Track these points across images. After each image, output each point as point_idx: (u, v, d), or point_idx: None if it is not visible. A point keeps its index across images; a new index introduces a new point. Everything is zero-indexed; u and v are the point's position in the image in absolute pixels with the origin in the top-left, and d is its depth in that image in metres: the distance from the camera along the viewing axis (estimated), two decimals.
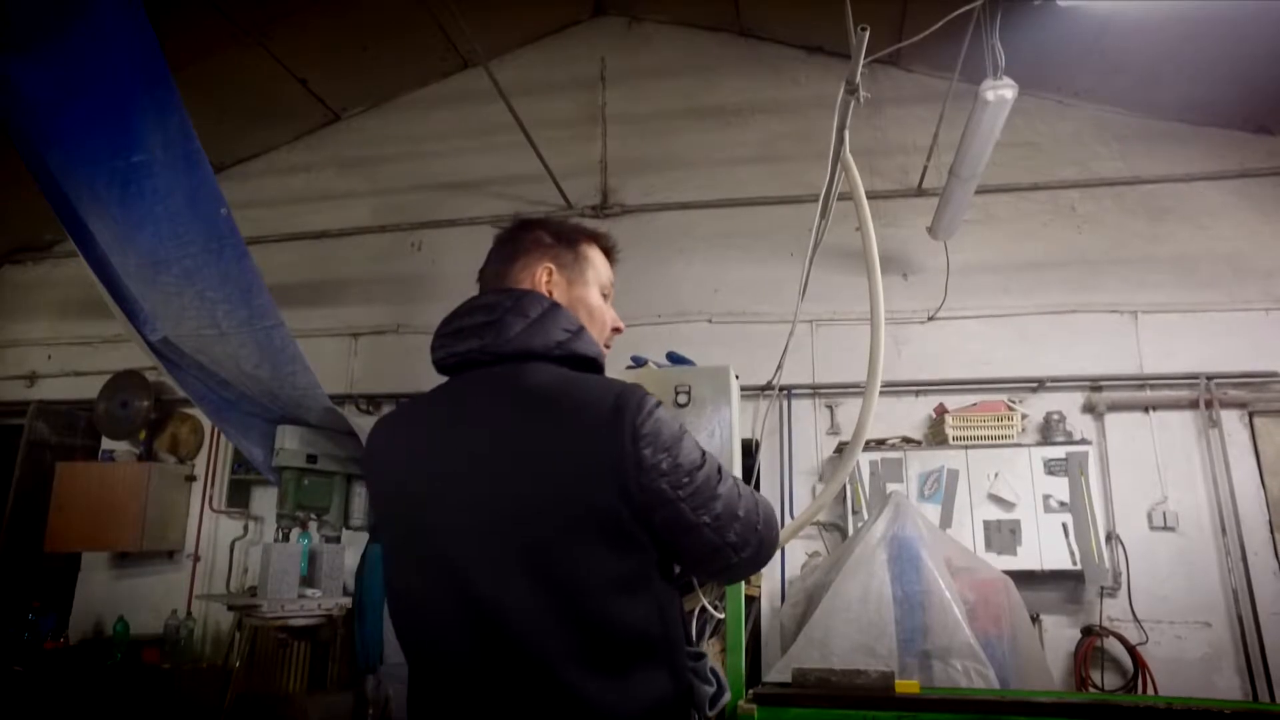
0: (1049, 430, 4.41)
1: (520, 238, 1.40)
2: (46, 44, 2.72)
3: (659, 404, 1.21)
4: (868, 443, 4.40)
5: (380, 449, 1.32)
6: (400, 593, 1.26)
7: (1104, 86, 4.75)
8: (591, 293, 1.40)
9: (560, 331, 1.27)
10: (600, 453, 1.13)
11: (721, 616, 2.44)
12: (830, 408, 4.77)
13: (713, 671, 1.33)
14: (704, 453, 1.24)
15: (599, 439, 1.14)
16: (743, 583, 2.45)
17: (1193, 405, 4.40)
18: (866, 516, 4.22)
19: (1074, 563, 4.11)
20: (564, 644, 1.12)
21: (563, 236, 1.40)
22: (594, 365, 1.30)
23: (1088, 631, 4.18)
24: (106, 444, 5.53)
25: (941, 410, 4.56)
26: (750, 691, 2.24)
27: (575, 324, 1.30)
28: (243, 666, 4.44)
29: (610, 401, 1.16)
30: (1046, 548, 4.14)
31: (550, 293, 1.34)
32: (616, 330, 1.46)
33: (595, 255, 1.43)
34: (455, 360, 1.28)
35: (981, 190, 4.33)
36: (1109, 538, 4.25)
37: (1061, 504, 4.19)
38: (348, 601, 4.16)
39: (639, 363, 2.47)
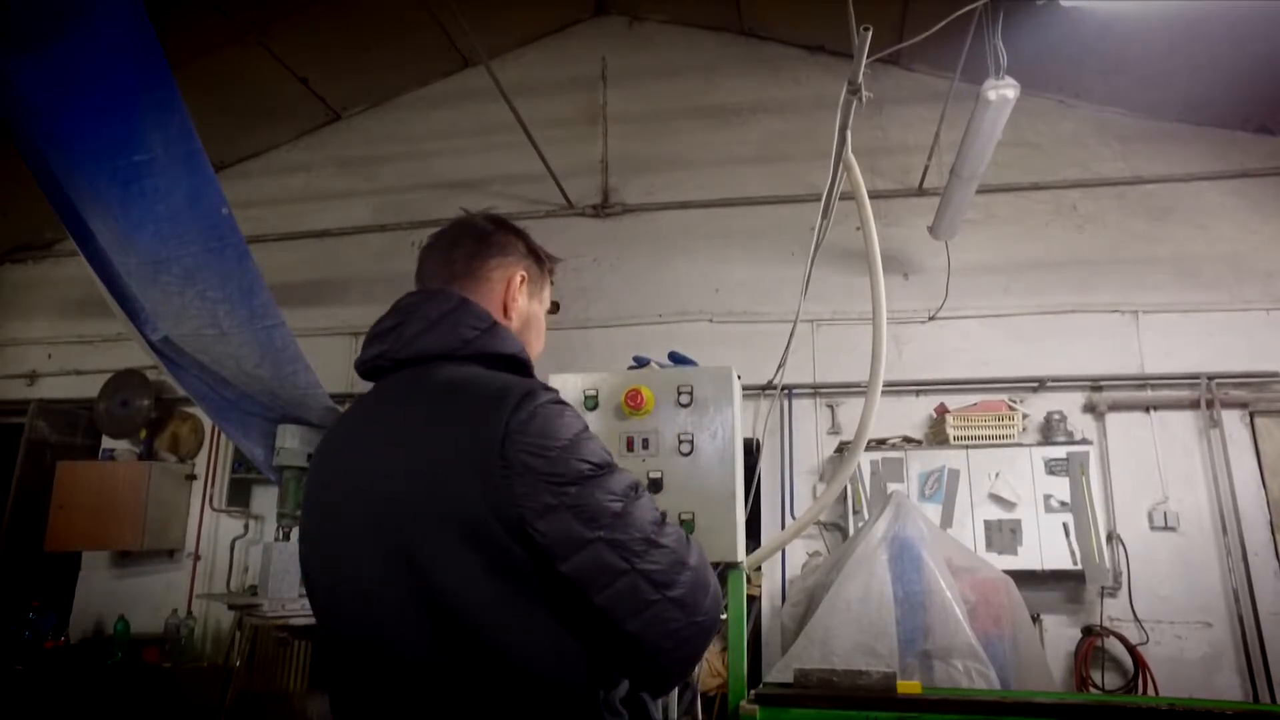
0: (1050, 430, 4.41)
1: (500, 236, 1.38)
2: (48, 44, 2.72)
3: (554, 401, 1.12)
4: (868, 442, 4.41)
5: (314, 457, 1.33)
6: (312, 589, 1.26)
7: (1105, 87, 4.75)
8: (542, 310, 1.42)
9: (467, 329, 1.22)
10: (469, 452, 1.06)
11: (723, 617, 2.45)
12: (831, 407, 4.77)
13: None
14: (608, 460, 1.12)
15: (470, 437, 1.07)
16: (744, 582, 2.46)
17: (1193, 405, 4.39)
18: (867, 516, 4.22)
19: (1075, 563, 4.11)
20: (433, 661, 1.06)
21: (533, 252, 1.42)
22: (513, 362, 1.24)
23: (1088, 631, 4.18)
24: (107, 443, 5.53)
25: (942, 410, 4.56)
26: (752, 692, 2.24)
27: (486, 320, 1.25)
28: (243, 666, 4.44)
29: (491, 396, 1.10)
30: (1047, 548, 4.14)
31: (518, 299, 1.34)
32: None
33: (547, 278, 1.46)
34: (367, 367, 1.28)
35: (983, 190, 4.33)
36: (1110, 538, 4.25)
37: (1062, 504, 4.19)
38: None
39: (641, 363, 2.47)
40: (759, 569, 4.48)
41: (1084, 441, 4.33)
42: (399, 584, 1.07)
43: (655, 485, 2.25)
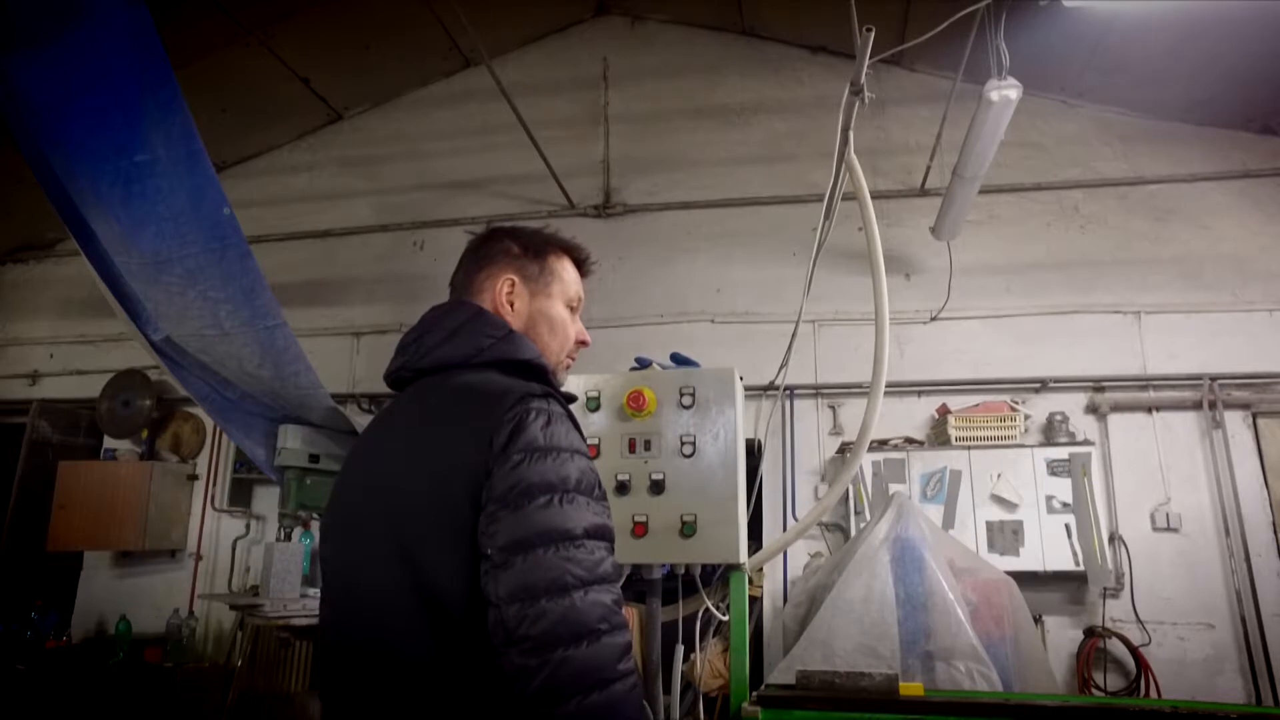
0: (1052, 431, 4.40)
1: (489, 247, 1.40)
2: (50, 44, 2.72)
3: (547, 409, 1.13)
4: (871, 443, 4.40)
5: (343, 463, 1.37)
6: (326, 588, 1.29)
7: (1107, 87, 4.74)
8: (554, 306, 1.38)
9: (483, 338, 1.26)
10: (462, 452, 1.09)
11: (725, 618, 2.45)
12: (833, 408, 4.76)
13: None
14: (577, 488, 1.09)
15: (465, 437, 1.10)
16: (746, 583, 2.46)
17: (1196, 406, 4.39)
18: (869, 517, 4.21)
19: (1077, 564, 4.10)
20: (432, 660, 1.06)
21: (531, 247, 1.39)
22: (528, 368, 1.27)
23: (1090, 633, 4.17)
24: (109, 443, 5.53)
25: (944, 411, 4.55)
26: (754, 694, 2.24)
27: (502, 328, 1.29)
28: (244, 666, 4.44)
29: (492, 398, 1.13)
30: (1049, 549, 4.13)
31: (511, 304, 1.35)
32: (582, 343, 1.44)
33: (563, 268, 1.42)
34: (393, 378, 1.33)
35: (985, 190, 4.32)
36: (1112, 539, 4.24)
37: (1064, 505, 4.18)
38: None
39: (643, 364, 2.47)
40: (761, 570, 4.47)
41: (1086, 442, 4.32)
42: (402, 583, 1.09)
43: (657, 487, 2.25)
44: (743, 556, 2.26)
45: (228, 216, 3.09)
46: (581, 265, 1.46)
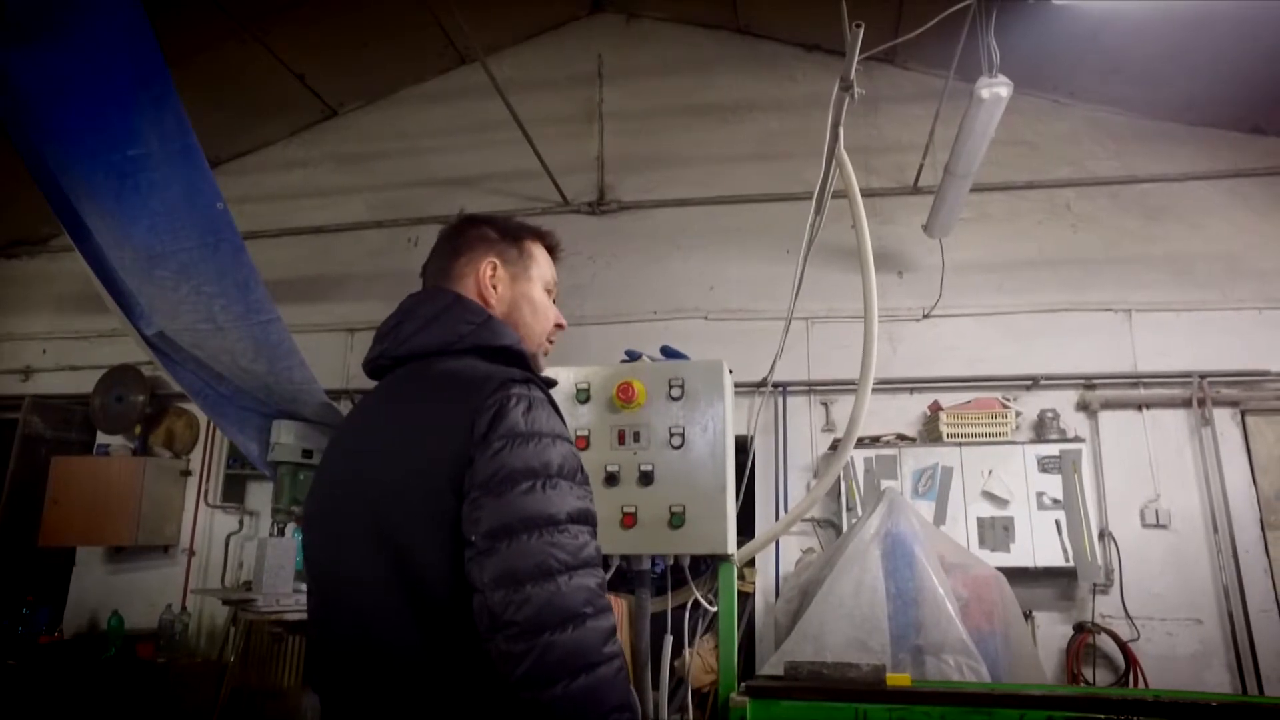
0: (1043, 428, 4.43)
1: (465, 233, 1.41)
2: (44, 38, 2.72)
3: (528, 395, 1.13)
4: (862, 439, 4.43)
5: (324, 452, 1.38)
6: (309, 574, 1.30)
7: (1100, 86, 4.77)
8: (535, 289, 1.41)
9: (462, 324, 1.27)
10: (442, 436, 1.10)
11: (714, 609, 2.46)
12: (825, 404, 4.78)
13: None
14: (559, 473, 1.09)
15: (445, 422, 1.10)
16: (735, 574, 2.47)
17: (1186, 404, 4.42)
18: (860, 513, 4.23)
19: (1067, 560, 4.13)
20: (415, 642, 1.07)
21: (508, 233, 1.42)
22: (508, 354, 1.27)
23: (1080, 628, 4.20)
24: (102, 438, 5.54)
25: (936, 407, 4.57)
26: (742, 684, 2.26)
27: (481, 314, 1.29)
28: (238, 661, 4.44)
29: (473, 384, 1.13)
30: (1040, 545, 4.16)
31: (495, 288, 1.36)
32: (559, 326, 1.46)
33: (539, 253, 1.44)
34: (371, 366, 1.33)
35: (977, 188, 4.34)
36: (1102, 535, 4.27)
37: (1055, 501, 4.21)
38: None
39: (633, 356, 2.49)
40: (752, 565, 4.49)
41: (1077, 439, 4.35)
42: (386, 571, 1.09)
43: (646, 478, 2.27)
44: (731, 548, 2.28)
45: (221, 211, 3.09)
46: (553, 251, 1.48)
